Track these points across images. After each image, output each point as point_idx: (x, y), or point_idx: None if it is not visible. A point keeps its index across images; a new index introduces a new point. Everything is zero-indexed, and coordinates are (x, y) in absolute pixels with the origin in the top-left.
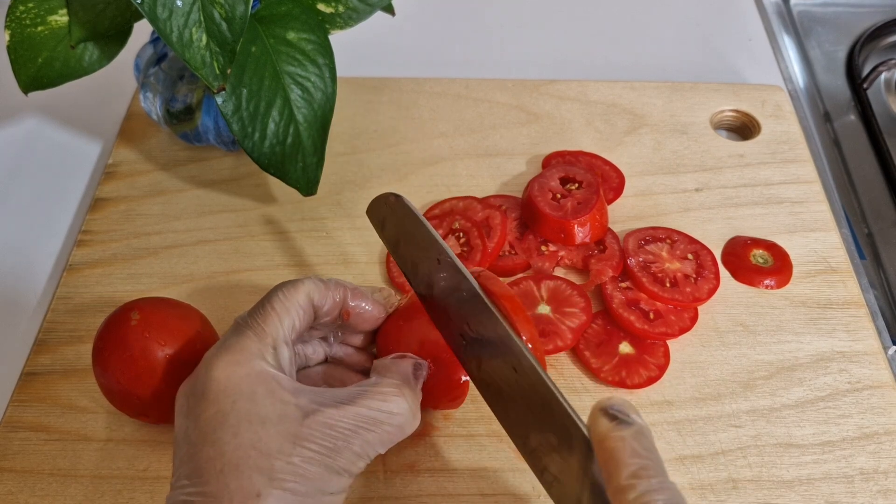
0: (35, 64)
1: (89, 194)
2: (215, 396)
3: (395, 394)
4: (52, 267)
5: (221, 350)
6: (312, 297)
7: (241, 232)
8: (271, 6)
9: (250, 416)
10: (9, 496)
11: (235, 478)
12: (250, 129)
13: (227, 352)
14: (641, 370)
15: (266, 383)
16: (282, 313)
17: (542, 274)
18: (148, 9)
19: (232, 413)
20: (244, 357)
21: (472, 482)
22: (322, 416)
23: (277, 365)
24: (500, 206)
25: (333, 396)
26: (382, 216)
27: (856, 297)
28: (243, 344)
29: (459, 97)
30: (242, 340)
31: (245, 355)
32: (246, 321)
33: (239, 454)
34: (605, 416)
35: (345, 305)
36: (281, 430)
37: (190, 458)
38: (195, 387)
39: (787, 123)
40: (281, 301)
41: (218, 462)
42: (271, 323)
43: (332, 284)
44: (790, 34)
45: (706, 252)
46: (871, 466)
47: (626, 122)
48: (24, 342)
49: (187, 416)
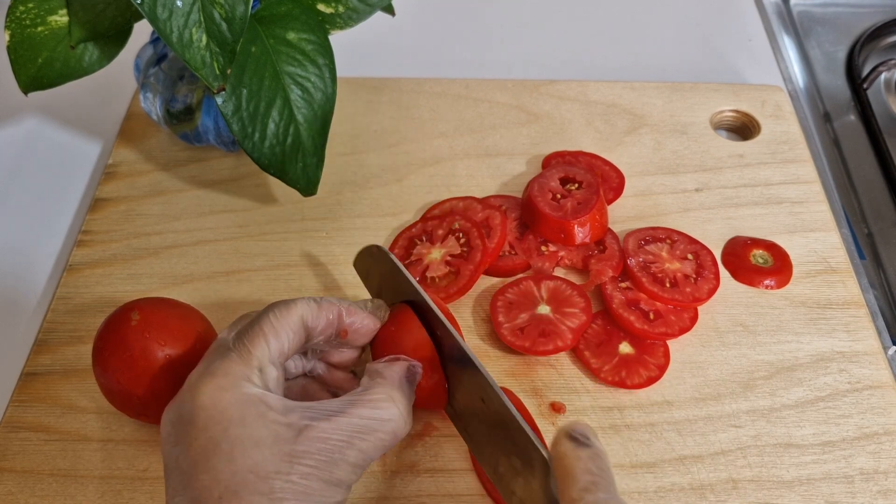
0: (35, 64)
1: (89, 194)
2: (204, 424)
3: (385, 400)
4: (52, 267)
5: (206, 375)
6: (305, 319)
7: (241, 232)
8: (271, 6)
9: (243, 441)
10: (9, 496)
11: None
12: (250, 129)
13: (211, 377)
14: (641, 370)
15: (255, 406)
16: (270, 335)
17: (542, 274)
18: (148, 9)
19: (224, 440)
20: (229, 381)
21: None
22: (315, 432)
23: (264, 385)
24: (500, 207)
25: (324, 410)
26: (367, 266)
27: (856, 298)
28: (227, 368)
29: (459, 97)
30: (226, 364)
31: (230, 379)
32: (228, 343)
33: (237, 480)
34: (568, 439)
35: (340, 324)
36: (276, 451)
37: (185, 487)
38: (181, 414)
39: (787, 123)
40: (271, 323)
41: (215, 490)
42: (258, 345)
43: (326, 304)
44: (790, 34)
45: (706, 252)
46: (870, 466)
47: (626, 123)
48: (24, 342)
49: (176, 444)
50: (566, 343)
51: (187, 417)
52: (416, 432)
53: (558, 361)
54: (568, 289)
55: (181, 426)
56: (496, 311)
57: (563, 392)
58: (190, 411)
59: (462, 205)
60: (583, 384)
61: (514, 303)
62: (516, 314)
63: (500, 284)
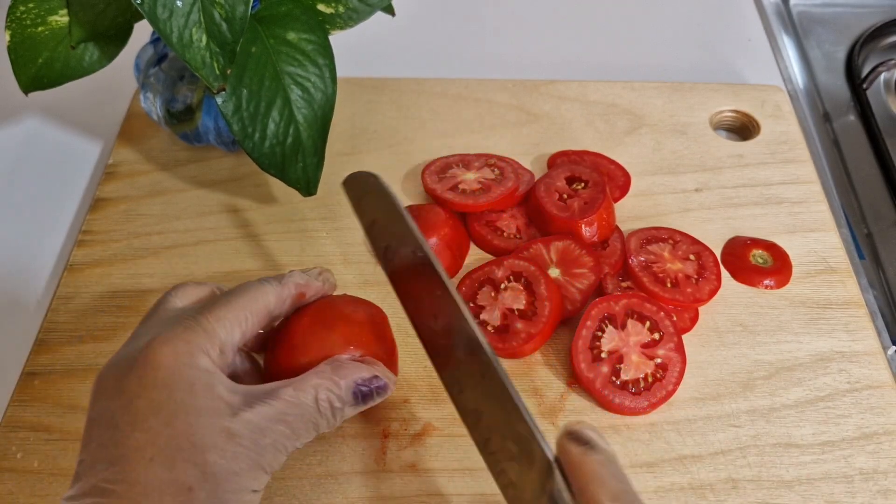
0: (35, 64)
1: (89, 194)
2: (152, 383)
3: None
4: (53, 267)
5: (167, 339)
6: (271, 308)
7: (242, 232)
8: (271, 6)
9: (187, 409)
10: (9, 496)
11: (168, 469)
12: (250, 129)
13: (172, 341)
14: None
15: (205, 378)
16: (241, 321)
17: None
18: (148, 9)
19: (169, 402)
20: (188, 350)
21: (471, 482)
22: (253, 415)
23: (221, 366)
24: None
25: (261, 392)
26: (359, 193)
27: (855, 298)
28: (189, 338)
29: (459, 97)
30: (190, 335)
31: (190, 348)
32: (197, 318)
33: (172, 445)
34: (576, 441)
35: (296, 303)
36: (216, 426)
37: (114, 443)
38: (133, 370)
39: (787, 124)
40: (244, 310)
41: (148, 451)
42: (227, 328)
43: (287, 287)
44: (790, 34)
45: (708, 253)
46: (870, 466)
47: (626, 123)
48: (24, 342)
49: (114, 398)
50: (576, 306)
51: (138, 376)
52: (416, 432)
53: (558, 361)
54: (577, 249)
55: (125, 381)
56: None
57: (563, 391)
58: (142, 371)
59: None
60: None
61: None
62: None
63: None
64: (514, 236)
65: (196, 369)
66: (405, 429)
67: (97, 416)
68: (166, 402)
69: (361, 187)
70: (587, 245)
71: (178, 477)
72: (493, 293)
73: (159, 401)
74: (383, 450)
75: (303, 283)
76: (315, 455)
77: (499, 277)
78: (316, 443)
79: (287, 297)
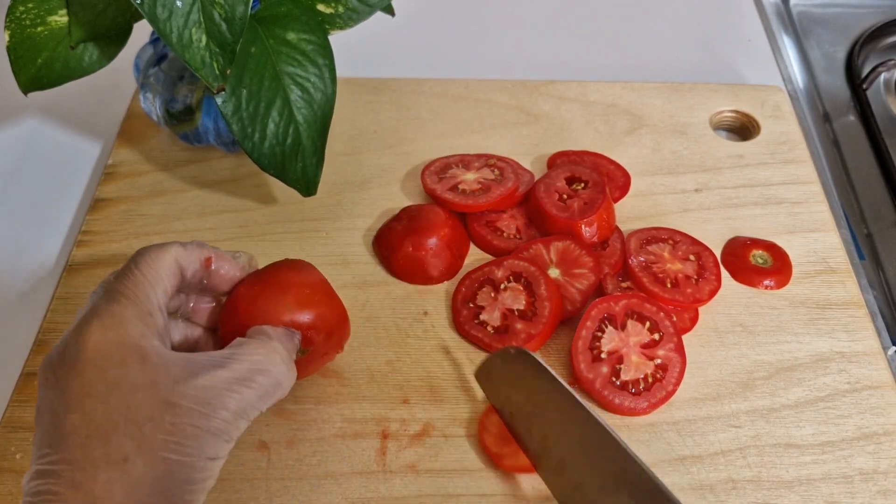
0: (35, 64)
1: (89, 194)
2: (84, 366)
3: (263, 349)
4: (52, 267)
5: (92, 317)
6: (179, 260)
7: (241, 232)
8: (271, 6)
9: (120, 384)
10: (9, 496)
11: (102, 444)
12: (250, 129)
13: (97, 318)
14: None
15: (138, 350)
16: (153, 280)
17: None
18: (148, 9)
19: (101, 381)
20: (116, 322)
21: (472, 482)
22: (194, 380)
23: (152, 332)
24: None
25: (204, 359)
26: (499, 381)
27: (855, 298)
28: (115, 310)
29: (459, 97)
30: (114, 307)
31: (117, 320)
32: (116, 287)
33: (107, 422)
34: None
35: (208, 267)
36: (152, 397)
37: (54, 428)
38: (64, 356)
39: (787, 124)
40: (150, 266)
41: (84, 430)
42: (143, 290)
43: (194, 247)
44: (790, 35)
45: (708, 253)
46: (870, 467)
47: (626, 123)
48: (24, 342)
49: (51, 386)
50: (576, 307)
51: (69, 361)
52: (415, 432)
53: (558, 361)
54: (576, 249)
55: (60, 369)
56: None
57: None
58: (72, 354)
59: None
60: None
61: None
62: None
63: None
64: (513, 236)
65: (127, 343)
66: (405, 429)
67: (41, 405)
68: (99, 381)
69: (503, 373)
70: (587, 245)
71: (112, 450)
72: (492, 293)
73: (93, 381)
74: (383, 450)
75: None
76: (314, 456)
77: (499, 278)
78: (315, 443)
79: (192, 251)
